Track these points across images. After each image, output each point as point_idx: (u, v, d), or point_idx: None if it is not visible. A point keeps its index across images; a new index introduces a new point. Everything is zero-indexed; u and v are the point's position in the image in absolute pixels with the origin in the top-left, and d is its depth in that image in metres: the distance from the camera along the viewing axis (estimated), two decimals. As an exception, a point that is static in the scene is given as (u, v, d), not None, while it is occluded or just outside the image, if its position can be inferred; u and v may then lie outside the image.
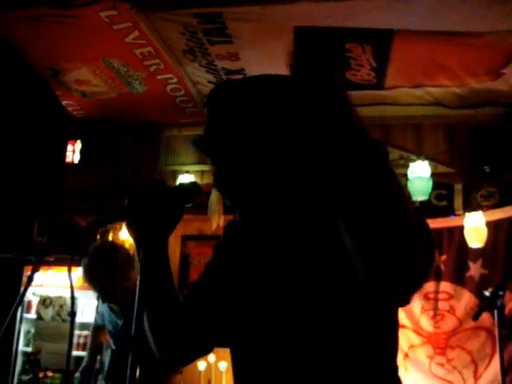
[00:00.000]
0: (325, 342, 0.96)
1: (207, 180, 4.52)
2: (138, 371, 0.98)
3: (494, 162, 4.16)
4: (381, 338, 1.00)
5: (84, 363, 2.86)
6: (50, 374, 4.15)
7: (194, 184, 1.17)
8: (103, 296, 2.55)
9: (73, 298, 1.37)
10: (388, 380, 1.01)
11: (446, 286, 4.13)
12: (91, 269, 2.49)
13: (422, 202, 4.11)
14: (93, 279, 2.49)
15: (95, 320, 2.89)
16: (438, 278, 4.15)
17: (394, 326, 1.03)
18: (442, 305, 4.11)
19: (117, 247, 2.66)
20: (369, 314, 0.96)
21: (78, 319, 4.63)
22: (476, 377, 3.93)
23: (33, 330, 4.76)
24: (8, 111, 4.23)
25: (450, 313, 4.10)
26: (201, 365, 4.35)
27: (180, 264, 4.90)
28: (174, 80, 4.13)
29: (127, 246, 2.96)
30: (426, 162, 3.96)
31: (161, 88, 4.25)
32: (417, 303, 4.07)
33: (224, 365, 4.36)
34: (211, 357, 4.41)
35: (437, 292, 4.14)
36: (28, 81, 4.17)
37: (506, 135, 4.14)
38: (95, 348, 2.88)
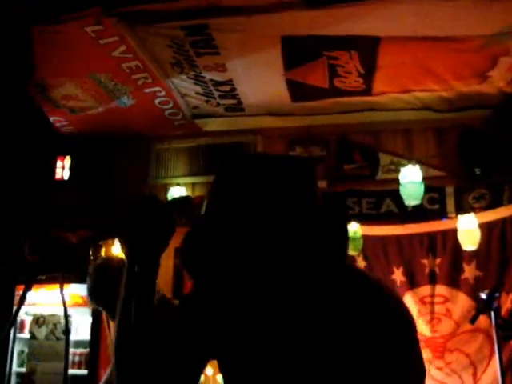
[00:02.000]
0: None
1: (199, 192, 4.51)
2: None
3: (484, 163, 4.19)
4: None
5: (105, 376, 2.83)
6: (45, 394, 4.09)
7: (185, 197, 1.17)
8: (111, 313, 2.52)
9: (66, 316, 1.35)
10: None
11: (441, 289, 4.13)
12: (98, 285, 2.45)
13: (414, 207, 4.12)
14: (100, 296, 2.45)
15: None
16: (434, 282, 4.15)
17: None
18: (439, 308, 4.10)
19: (122, 262, 2.60)
20: None
21: (73, 337, 4.58)
22: (475, 379, 3.92)
23: (26, 350, 4.69)
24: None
25: (446, 316, 4.09)
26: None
27: (173, 277, 4.86)
28: (162, 93, 4.11)
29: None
30: (417, 166, 3.96)
31: (149, 101, 4.24)
32: (413, 308, 4.06)
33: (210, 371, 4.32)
34: (209, 370, 4.35)
35: (432, 296, 4.14)
36: (15, 97, 4.15)
37: (495, 137, 4.16)
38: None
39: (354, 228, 4.31)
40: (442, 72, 3.79)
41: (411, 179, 3.91)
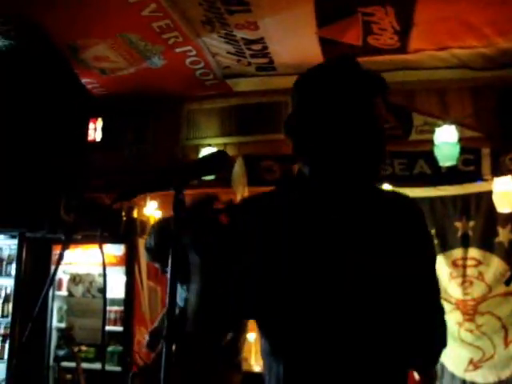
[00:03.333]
0: (381, 337, 1.14)
1: (230, 152, 4.49)
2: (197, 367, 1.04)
3: (522, 124, 4.05)
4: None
5: (155, 324, 2.93)
6: (83, 348, 4.24)
7: (220, 152, 1.17)
8: (164, 268, 2.59)
9: (105, 274, 1.39)
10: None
11: (474, 252, 4.08)
12: (158, 243, 2.53)
13: (448, 168, 4.04)
14: (157, 253, 2.53)
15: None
16: (466, 245, 4.10)
17: None
18: (471, 271, 4.06)
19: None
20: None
21: (108, 295, 4.69)
22: (506, 342, 3.90)
23: (65, 307, 4.85)
24: (29, 92, 4.24)
25: (478, 279, 4.05)
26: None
27: (207, 238, 4.91)
28: (193, 52, 4.07)
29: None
30: (453, 127, 3.86)
31: (180, 61, 4.20)
32: (445, 270, 4.03)
33: (252, 336, 4.39)
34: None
35: (465, 259, 4.09)
36: (48, 60, 4.16)
37: (536, 96, 4.01)
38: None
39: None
40: (484, 27, 3.63)
41: (446, 140, 3.82)
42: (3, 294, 4.86)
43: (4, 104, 4.25)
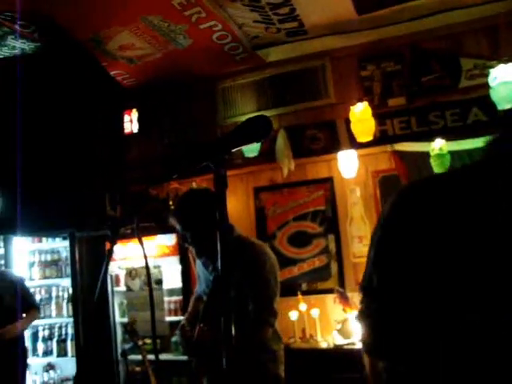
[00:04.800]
0: None
1: (270, 126, 4.32)
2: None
3: None
4: None
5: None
6: (147, 340, 4.23)
7: (259, 117, 1.03)
8: (197, 248, 2.49)
9: (147, 265, 1.31)
10: None
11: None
12: (182, 215, 2.43)
13: (507, 111, 3.71)
14: (186, 225, 2.43)
15: (196, 292, 2.88)
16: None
17: None
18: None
19: (205, 190, 2.54)
20: None
21: (165, 286, 4.67)
22: None
23: (125, 302, 4.86)
24: (58, 91, 4.19)
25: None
26: (293, 315, 4.28)
27: (256, 217, 4.79)
28: (219, 26, 3.88)
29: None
30: (510, 65, 3.51)
31: (206, 38, 4.02)
32: None
33: (316, 312, 4.27)
34: (302, 305, 4.32)
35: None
36: (73, 56, 4.09)
37: None
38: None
39: (439, 144, 3.99)
40: None
41: (503, 79, 3.49)
42: (66, 295, 4.94)
43: (40, 107, 4.22)
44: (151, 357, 3.87)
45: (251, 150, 4.35)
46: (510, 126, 0.90)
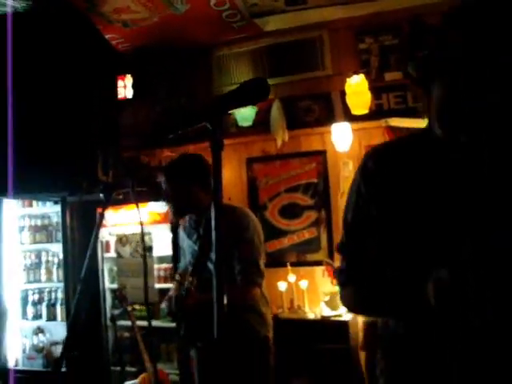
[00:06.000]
0: None
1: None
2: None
3: None
4: None
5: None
6: (137, 307, 4.27)
7: (257, 79, 1.01)
8: (176, 205, 2.52)
9: (142, 232, 1.31)
10: None
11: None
12: (172, 179, 2.46)
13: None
14: (174, 189, 2.46)
15: (179, 268, 2.91)
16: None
17: None
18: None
19: (197, 157, 2.55)
20: None
21: (155, 253, 4.68)
22: None
23: (115, 268, 4.87)
24: (50, 53, 4.11)
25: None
26: (281, 285, 4.32)
27: (248, 188, 4.79)
28: (217, -8, 3.81)
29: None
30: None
31: (204, 4, 3.95)
32: None
33: (305, 283, 4.31)
34: (291, 277, 4.36)
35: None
36: (66, 17, 4.00)
37: None
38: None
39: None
40: None
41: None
42: (56, 260, 4.94)
43: (29, 68, 4.14)
44: (140, 323, 3.91)
45: (245, 118, 4.33)
46: None
